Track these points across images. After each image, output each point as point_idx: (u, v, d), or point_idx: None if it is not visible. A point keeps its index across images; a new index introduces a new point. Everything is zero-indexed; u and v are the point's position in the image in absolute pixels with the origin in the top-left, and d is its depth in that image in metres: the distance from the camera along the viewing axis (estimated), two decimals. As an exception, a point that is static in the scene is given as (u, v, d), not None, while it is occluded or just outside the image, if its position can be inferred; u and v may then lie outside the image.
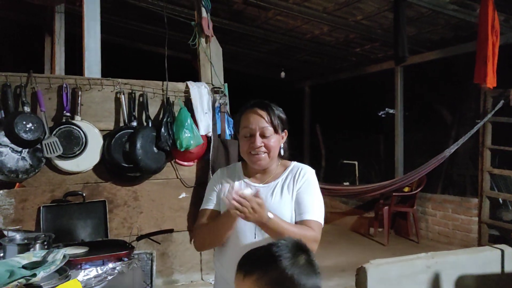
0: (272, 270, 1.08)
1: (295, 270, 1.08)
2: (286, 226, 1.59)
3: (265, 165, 1.74)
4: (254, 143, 1.68)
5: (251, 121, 1.70)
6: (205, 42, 3.36)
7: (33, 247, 2.03)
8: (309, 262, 1.13)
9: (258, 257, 1.14)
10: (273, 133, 1.71)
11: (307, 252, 1.15)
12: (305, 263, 1.11)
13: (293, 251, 1.12)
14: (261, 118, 1.70)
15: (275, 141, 1.71)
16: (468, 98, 6.96)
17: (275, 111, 1.73)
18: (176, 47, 5.80)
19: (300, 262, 1.11)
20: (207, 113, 3.18)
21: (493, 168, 4.64)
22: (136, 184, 3.04)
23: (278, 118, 1.72)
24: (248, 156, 1.73)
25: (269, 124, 1.69)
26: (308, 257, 1.14)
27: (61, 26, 4.59)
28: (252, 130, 1.69)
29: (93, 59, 3.07)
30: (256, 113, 1.71)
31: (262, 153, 1.70)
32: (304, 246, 1.17)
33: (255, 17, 5.54)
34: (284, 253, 1.10)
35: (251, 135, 1.70)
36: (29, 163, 2.66)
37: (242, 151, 1.76)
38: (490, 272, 3.71)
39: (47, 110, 2.73)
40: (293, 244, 1.15)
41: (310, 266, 1.12)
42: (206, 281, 3.13)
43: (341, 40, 6.23)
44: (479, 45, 4.00)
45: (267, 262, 1.10)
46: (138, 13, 5.67)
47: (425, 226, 6.08)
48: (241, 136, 1.75)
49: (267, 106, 1.73)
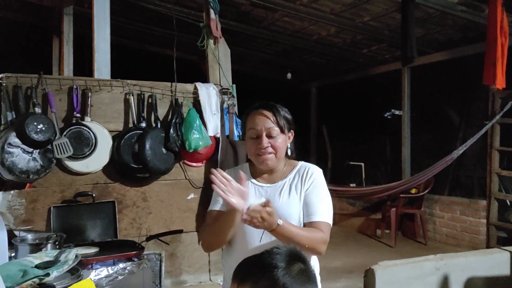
0: (264, 280, 1.05)
1: (288, 279, 1.05)
2: (295, 230, 1.58)
3: (272, 165, 1.74)
4: (260, 144, 1.68)
5: (257, 122, 1.70)
6: (214, 44, 3.38)
7: (44, 247, 2.05)
8: (304, 271, 1.10)
9: (251, 266, 1.12)
10: (279, 133, 1.70)
11: (302, 260, 1.12)
12: (299, 272, 1.08)
13: (287, 260, 1.09)
14: (267, 118, 1.70)
15: (281, 142, 1.71)
16: (476, 100, 6.93)
17: (281, 111, 1.73)
18: (184, 49, 5.82)
19: (294, 271, 1.08)
20: (216, 114, 3.19)
21: (502, 170, 4.61)
22: (145, 184, 3.05)
23: (284, 119, 1.72)
24: (255, 157, 1.73)
25: (275, 125, 1.69)
26: (303, 265, 1.11)
27: (69, 28, 4.63)
28: (258, 131, 1.69)
29: (102, 60, 3.09)
30: (261, 114, 1.71)
31: (269, 153, 1.70)
32: (299, 254, 1.14)
33: (262, 18, 5.55)
34: (277, 262, 1.08)
35: (257, 136, 1.70)
36: (39, 163, 2.68)
37: (249, 152, 1.76)
38: (499, 274, 3.68)
39: (58, 111, 2.76)
40: (287, 252, 1.12)
41: (305, 274, 1.09)
42: (214, 282, 3.13)
43: (348, 41, 6.23)
44: (488, 46, 3.98)
45: (259, 271, 1.08)
46: (146, 15, 5.71)
47: (433, 228, 6.05)
48: (247, 137, 1.75)
49: (273, 107, 1.73)
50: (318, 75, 8.57)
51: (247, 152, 1.78)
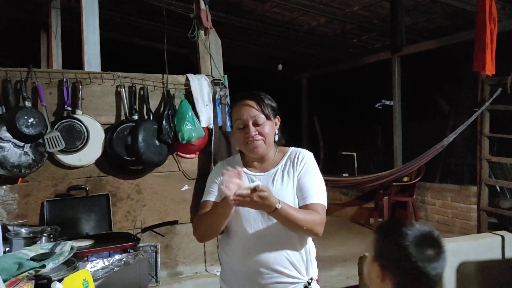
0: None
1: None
2: (294, 212, 1.61)
3: (263, 152, 1.75)
4: (248, 132, 1.70)
5: (242, 113, 1.71)
6: (204, 34, 3.36)
7: (39, 240, 2.04)
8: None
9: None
10: (265, 120, 1.72)
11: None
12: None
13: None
14: (251, 108, 1.71)
15: (269, 128, 1.73)
16: (465, 87, 6.98)
17: (264, 99, 1.75)
18: (174, 42, 5.77)
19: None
20: (208, 105, 3.18)
21: (492, 156, 4.65)
22: (138, 177, 3.04)
23: (268, 106, 1.74)
24: (245, 146, 1.74)
25: (260, 112, 1.71)
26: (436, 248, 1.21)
27: (57, 22, 4.57)
28: (244, 121, 1.71)
29: (92, 52, 3.07)
30: (245, 104, 1.73)
31: (257, 140, 1.71)
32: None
33: (252, 9, 5.52)
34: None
35: (244, 126, 1.72)
36: (31, 158, 2.66)
37: (238, 143, 1.78)
38: (491, 258, 3.75)
39: (48, 104, 2.74)
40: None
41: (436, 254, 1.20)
42: (210, 272, 3.15)
43: (338, 32, 6.22)
44: (477, 33, 4.00)
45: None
46: (135, 8, 5.65)
47: (425, 215, 6.11)
48: (234, 129, 1.76)
49: (255, 95, 1.75)
50: (309, 66, 8.58)
51: (236, 143, 1.81)
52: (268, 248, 1.68)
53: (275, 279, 1.68)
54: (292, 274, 1.70)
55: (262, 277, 1.68)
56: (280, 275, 1.68)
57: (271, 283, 1.69)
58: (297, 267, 1.71)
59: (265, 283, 1.69)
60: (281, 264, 1.68)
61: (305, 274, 1.73)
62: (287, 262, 1.69)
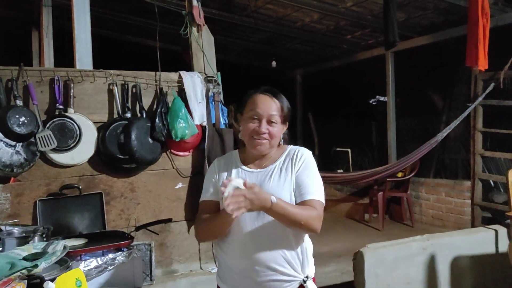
0: None
1: None
2: (290, 208, 1.61)
3: (264, 151, 1.75)
4: (260, 127, 1.69)
5: (260, 106, 1.70)
6: (197, 31, 3.34)
7: (32, 239, 2.03)
8: None
9: None
10: (279, 122, 1.72)
11: None
12: None
13: None
14: (272, 104, 1.71)
15: (278, 130, 1.74)
16: (459, 83, 7.01)
17: (284, 102, 1.76)
18: (167, 39, 5.75)
19: None
20: (201, 103, 3.16)
21: (485, 151, 4.68)
22: (132, 175, 3.02)
23: (286, 110, 1.75)
24: (249, 139, 1.73)
25: (278, 113, 1.71)
26: None
27: (48, 20, 4.52)
28: (260, 115, 1.70)
29: (84, 50, 3.04)
30: (267, 98, 1.72)
31: (264, 139, 1.71)
32: None
33: (245, 6, 5.51)
34: None
35: (258, 119, 1.70)
36: (23, 157, 2.63)
37: (244, 133, 1.74)
38: (484, 252, 3.78)
39: (40, 103, 2.71)
40: None
41: None
42: (205, 270, 3.14)
43: (332, 28, 6.22)
44: (470, 28, 4.02)
45: None
46: (127, 5, 5.61)
47: (419, 210, 6.15)
48: (245, 117, 1.73)
49: (280, 95, 1.76)
50: (302, 63, 8.57)
51: (242, 132, 1.76)
52: (264, 246, 1.68)
53: (270, 277, 1.69)
54: (287, 272, 1.70)
55: (258, 274, 1.68)
56: (275, 273, 1.68)
57: (267, 281, 1.69)
58: (293, 265, 1.71)
59: (261, 281, 1.69)
60: (276, 262, 1.68)
61: (300, 272, 1.73)
62: (282, 260, 1.69)
